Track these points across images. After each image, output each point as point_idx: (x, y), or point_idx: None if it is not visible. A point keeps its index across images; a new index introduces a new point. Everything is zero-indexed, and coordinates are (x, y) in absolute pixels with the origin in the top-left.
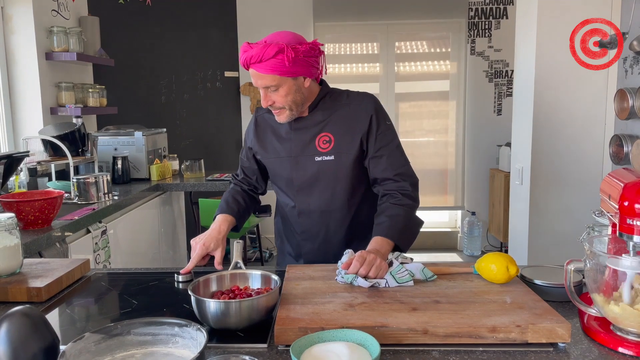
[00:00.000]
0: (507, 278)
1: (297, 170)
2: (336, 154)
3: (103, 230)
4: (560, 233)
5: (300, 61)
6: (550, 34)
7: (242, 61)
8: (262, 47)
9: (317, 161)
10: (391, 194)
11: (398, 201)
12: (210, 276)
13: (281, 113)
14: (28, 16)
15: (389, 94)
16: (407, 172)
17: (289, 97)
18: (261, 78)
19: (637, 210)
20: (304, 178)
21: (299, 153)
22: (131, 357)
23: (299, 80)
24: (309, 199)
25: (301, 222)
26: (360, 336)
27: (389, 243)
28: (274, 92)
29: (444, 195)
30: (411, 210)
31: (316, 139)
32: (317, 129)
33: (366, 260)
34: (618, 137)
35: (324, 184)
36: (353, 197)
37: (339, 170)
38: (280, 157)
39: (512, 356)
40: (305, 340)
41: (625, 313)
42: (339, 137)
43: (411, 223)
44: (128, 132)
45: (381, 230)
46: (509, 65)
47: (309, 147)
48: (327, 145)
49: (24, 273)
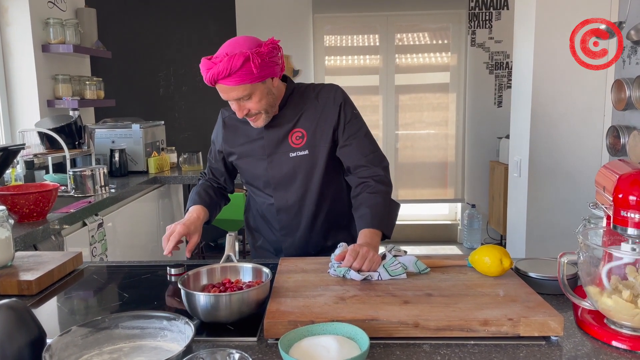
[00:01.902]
0: (500, 271)
1: (272, 168)
2: (310, 147)
3: (100, 223)
4: (558, 225)
5: (266, 64)
6: (549, 26)
7: (208, 78)
8: (227, 60)
9: (292, 157)
10: (366, 183)
11: (373, 189)
12: (200, 269)
13: (257, 119)
14: (24, 8)
15: (388, 86)
16: (378, 157)
17: (262, 102)
18: (232, 90)
19: (631, 202)
20: (280, 175)
21: (273, 151)
22: (119, 351)
23: (268, 82)
24: (286, 194)
25: (280, 219)
26: (350, 330)
27: (377, 233)
28: (247, 100)
29: (444, 188)
30: (387, 196)
31: (289, 136)
32: (289, 125)
33: (359, 253)
34: (615, 128)
35: (300, 179)
36: (329, 189)
37: (314, 164)
38: (254, 157)
39: (504, 350)
40: (294, 334)
41: (618, 306)
42: (311, 131)
43: (390, 208)
44: (125, 124)
45: (366, 222)
46: (509, 56)
47: (282, 144)
48: (300, 141)
49: (15, 266)
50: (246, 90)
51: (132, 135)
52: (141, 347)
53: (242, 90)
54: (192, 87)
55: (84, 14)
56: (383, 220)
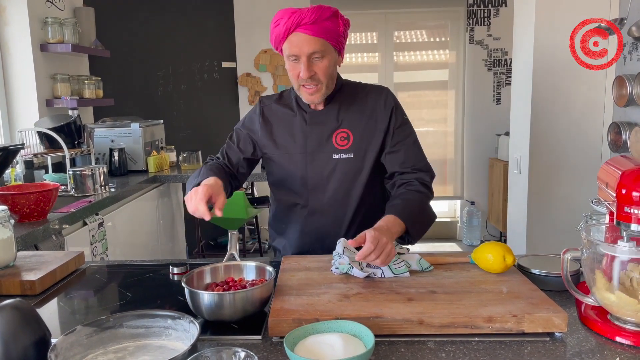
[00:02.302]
0: (503, 267)
1: (312, 167)
2: (355, 151)
3: (100, 222)
4: (559, 222)
5: (344, 34)
6: (549, 21)
7: (289, 23)
8: (317, 8)
9: (335, 158)
10: (409, 182)
11: (415, 187)
12: (204, 268)
13: (318, 90)
14: (22, 7)
15: (387, 84)
16: (425, 165)
17: (329, 70)
18: (310, 42)
19: (634, 198)
20: (320, 176)
21: (315, 149)
22: (124, 350)
23: (336, 55)
24: (322, 197)
25: (311, 222)
26: (354, 327)
27: (400, 224)
28: (317, 60)
29: (443, 185)
30: (427, 200)
31: (333, 136)
32: (334, 124)
33: (378, 244)
34: (616, 124)
35: (341, 182)
36: (369, 196)
37: (359, 169)
38: (292, 152)
39: (508, 346)
40: (299, 332)
41: (621, 302)
42: (357, 134)
43: (426, 211)
44: (125, 123)
45: (395, 210)
46: (508, 53)
47: (326, 143)
48: (345, 142)
49: (17, 266)
50: (323, 46)
51: (131, 135)
52: (146, 346)
53: (320, 44)
54: (191, 86)
55: (82, 13)
56: (413, 217)
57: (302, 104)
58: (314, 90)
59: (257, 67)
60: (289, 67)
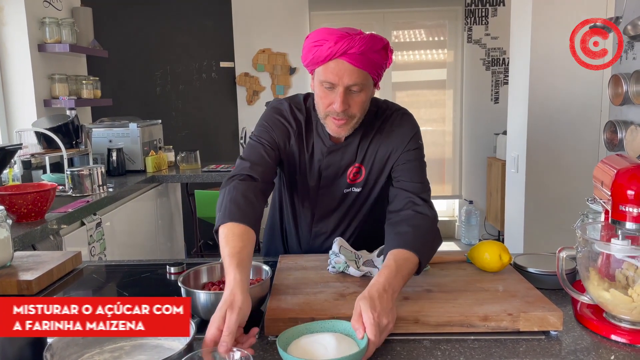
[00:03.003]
0: (500, 266)
1: (322, 200)
2: (364, 184)
3: (98, 222)
4: (556, 220)
5: (386, 67)
6: (545, 21)
7: (335, 48)
8: (370, 37)
9: (345, 192)
10: (413, 200)
11: (421, 210)
12: (200, 267)
13: (347, 123)
14: (19, 7)
15: (385, 83)
16: (425, 186)
17: (364, 105)
18: (352, 73)
19: (629, 197)
20: (327, 208)
21: (329, 183)
22: (120, 349)
23: (373, 88)
24: (328, 221)
25: (314, 243)
26: (348, 327)
27: (411, 260)
28: (355, 93)
29: (441, 184)
30: (434, 223)
31: (348, 171)
32: (350, 159)
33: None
34: (612, 123)
35: (346, 212)
36: (370, 216)
37: (364, 198)
38: (306, 175)
39: (504, 344)
40: (292, 332)
41: (616, 300)
42: (369, 168)
43: (435, 238)
44: (123, 123)
45: (404, 242)
46: (505, 53)
47: (340, 178)
48: (357, 177)
49: (14, 266)
50: (365, 79)
51: (129, 135)
52: (142, 346)
53: (363, 77)
54: (189, 86)
55: (80, 13)
56: (425, 247)
57: (320, 131)
58: (343, 123)
59: (255, 67)
60: (320, 93)
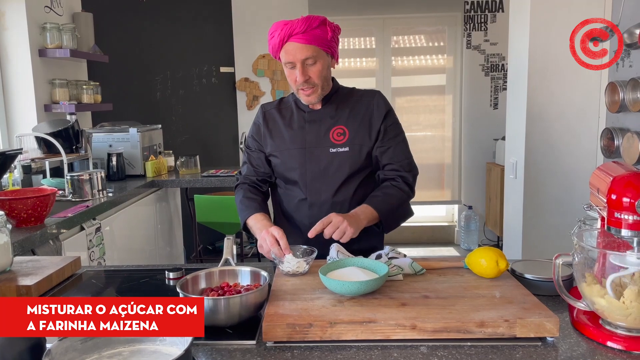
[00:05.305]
0: (497, 272)
1: (311, 161)
2: (351, 145)
3: (97, 227)
4: (554, 227)
5: (334, 39)
6: (544, 27)
7: (283, 33)
8: (306, 18)
9: (332, 152)
10: (393, 180)
11: (397, 184)
12: (199, 273)
13: (314, 92)
14: (20, 13)
15: (385, 89)
16: (410, 164)
17: (323, 73)
18: (302, 49)
19: (624, 204)
20: (318, 169)
21: (313, 144)
22: (118, 355)
23: (329, 58)
24: (320, 189)
25: (311, 215)
26: (371, 263)
27: (372, 213)
28: (311, 65)
29: (440, 190)
30: (406, 197)
31: (330, 132)
32: (331, 121)
33: (332, 222)
34: (609, 130)
35: (336, 175)
36: (363, 188)
37: (354, 161)
38: (292, 148)
39: (500, 351)
40: (328, 267)
41: (612, 306)
42: (353, 130)
43: (402, 207)
44: (123, 128)
45: (370, 201)
46: (504, 58)
47: (323, 139)
48: (341, 138)
49: (14, 271)
50: (315, 52)
51: (129, 139)
52: (140, 351)
53: (312, 50)
54: (189, 91)
55: (81, 19)
56: (387, 208)
57: (301, 105)
58: (310, 92)
59: (255, 72)
60: (287, 73)
